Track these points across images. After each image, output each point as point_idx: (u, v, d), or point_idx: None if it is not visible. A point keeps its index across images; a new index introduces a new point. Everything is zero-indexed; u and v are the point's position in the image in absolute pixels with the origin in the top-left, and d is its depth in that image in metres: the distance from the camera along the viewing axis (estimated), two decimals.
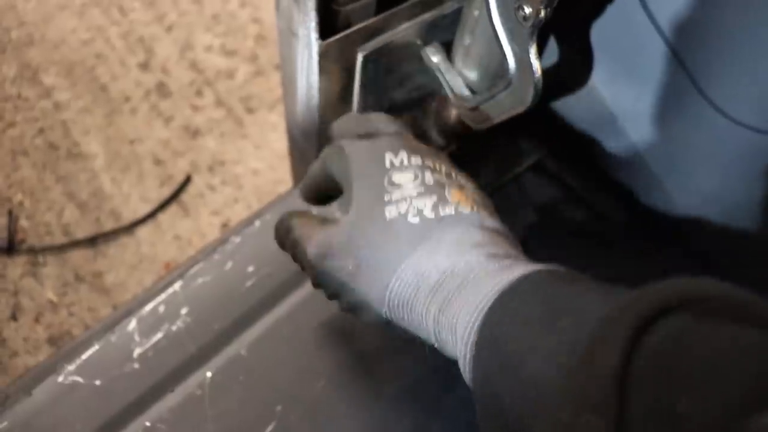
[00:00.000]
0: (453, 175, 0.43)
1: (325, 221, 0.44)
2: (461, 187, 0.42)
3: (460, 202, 0.40)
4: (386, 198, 0.40)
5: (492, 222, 0.41)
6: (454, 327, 0.36)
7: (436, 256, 0.38)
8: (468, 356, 0.35)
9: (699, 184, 0.55)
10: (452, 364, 0.37)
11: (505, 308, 0.34)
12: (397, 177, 0.41)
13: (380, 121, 0.48)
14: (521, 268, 0.36)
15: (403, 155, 0.42)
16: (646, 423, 0.25)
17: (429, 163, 0.42)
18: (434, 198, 0.40)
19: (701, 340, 0.26)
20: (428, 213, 0.39)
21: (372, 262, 0.39)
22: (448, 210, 0.40)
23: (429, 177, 0.41)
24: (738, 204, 0.53)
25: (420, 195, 0.40)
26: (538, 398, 0.30)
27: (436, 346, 0.39)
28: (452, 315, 0.36)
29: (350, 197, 0.42)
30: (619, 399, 0.25)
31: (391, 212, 0.40)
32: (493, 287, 0.35)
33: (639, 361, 0.26)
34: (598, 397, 0.26)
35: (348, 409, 0.52)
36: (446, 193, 0.41)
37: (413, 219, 0.39)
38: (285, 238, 0.47)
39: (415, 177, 0.41)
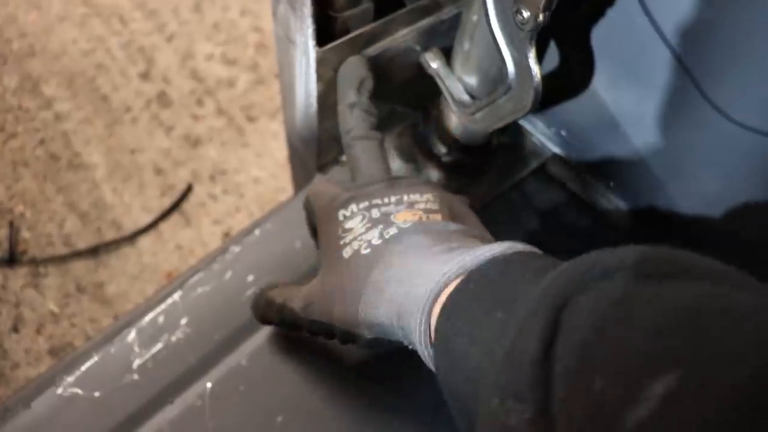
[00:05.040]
0: (404, 198, 0.46)
1: (300, 283, 0.49)
2: (411, 205, 0.46)
3: (406, 219, 0.44)
4: (341, 243, 0.45)
5: (440, 225, 0.44)
6: (410, 328, 0.39)
7: (388, 271, 0.41)
8: (426, 355, 0.38)
9: (703, 188, 0.55)
10: None
11: (455, 306, 0.36)
12: (348, 224, 0.46)
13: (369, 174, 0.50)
14: (467, 258, 0.38)
15: (353, 206, 0.46)
16: (568, 403, 0.26)
17: (377, 201, 0.46)
18: (380, 227, 0.44)
19: (614, 319, 0.28)
20: (376, 241, 0.43)
21: (343, 298, 0.43)
22: (392, 230, 0.43)
23: (375, 212, 0.45)
24: (742, 207, 0.52)
25: (368, 230, 0.44)
26: (477, 391, 0.32)
27: (410, 348, 0.41)
28: (407, 316, 0.39)
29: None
30: (542, 383, 0.27)
31: (347, 252, 0.44)
32: (436, 285, 0.37)
33: (559, 345, 0.28)
34: (521, 384, 0.28)
35: (349, 420, 0.52)
36: (392, 218, 0.44)
37: (365, 251, 0.43)
38: (268, 310, 0.50)
39: (363, 218, 0.45)
